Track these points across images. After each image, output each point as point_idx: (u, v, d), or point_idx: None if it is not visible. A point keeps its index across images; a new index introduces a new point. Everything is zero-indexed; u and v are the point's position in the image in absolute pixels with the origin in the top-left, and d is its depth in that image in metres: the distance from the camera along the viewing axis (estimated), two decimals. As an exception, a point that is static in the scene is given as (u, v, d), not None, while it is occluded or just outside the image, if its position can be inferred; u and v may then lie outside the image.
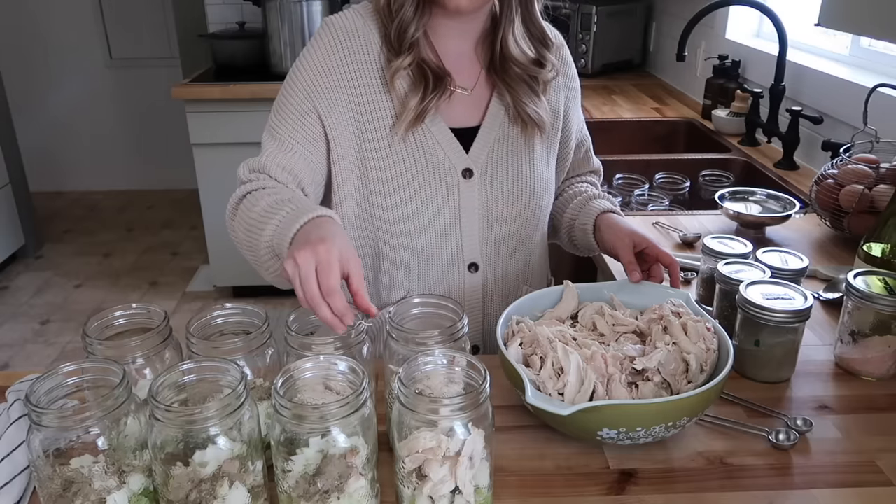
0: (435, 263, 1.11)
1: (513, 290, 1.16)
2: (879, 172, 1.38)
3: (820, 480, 0.81)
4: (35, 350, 2.89)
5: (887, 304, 0.94)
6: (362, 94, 1.05)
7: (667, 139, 2.46)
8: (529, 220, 1.14)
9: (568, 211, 1.22)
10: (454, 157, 1.07)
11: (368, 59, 1.05)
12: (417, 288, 1.12)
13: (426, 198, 1.07)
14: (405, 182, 1.06)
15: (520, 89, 1.08)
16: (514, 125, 1.10)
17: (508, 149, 1.10)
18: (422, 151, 1.06)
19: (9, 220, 3.47)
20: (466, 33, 1.09)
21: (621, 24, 3.07)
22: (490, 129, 1.09)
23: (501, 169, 1.09)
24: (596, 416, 0.77)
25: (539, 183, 1.13)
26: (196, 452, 0.66)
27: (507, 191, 1.10)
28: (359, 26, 1.06)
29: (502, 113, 1.10)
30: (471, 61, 1.10)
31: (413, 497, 0.70)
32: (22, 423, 0.81)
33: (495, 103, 1.10)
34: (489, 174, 1.09)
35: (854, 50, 1.99)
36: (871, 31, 1.26)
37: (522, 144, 1.11)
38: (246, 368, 0.76)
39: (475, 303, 1.13)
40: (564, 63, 1.18)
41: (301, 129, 1.05)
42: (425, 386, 0.72)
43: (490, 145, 1.09)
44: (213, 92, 2.79)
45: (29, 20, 4.15)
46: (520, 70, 1.08)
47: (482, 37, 1.10)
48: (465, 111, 1.09)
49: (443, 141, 1.06)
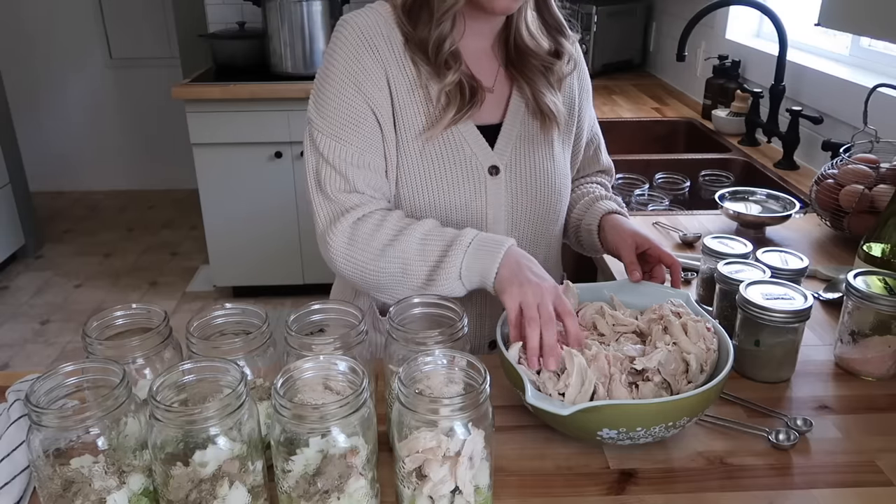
0: None
1: None
2: (879, 172, 1.38)
3: (820, 480, 0.81)
4: (35, 350, 2.89)
5: (887, 304, 0.94)
6: (395, 94, 1.04)
7: (667, 139, 2.46)
8: (550, 214, 1.15)
9: (575, 211, 1.22)
10: (481, 154, 1.07)
11: (396, 59, 1.03)
12: None
13: (455, 195, 1.07)
14: (434, 180, 1.06)
15: (538, 81, 1.09)
16: (534, 120, 1.10)
17: (530, 144, 1.11)
18: (450, 150, 1.06)
19: (9, 220, 3.47)
20: (487, 32, 1.09)
21: (621, 24, 3.07)
22: (512, 125, 1.10)
23: (525, 165, 1.10)
24: (596, 416, 0.77)
25: (559, 178, 1.14)
26: (196, 452, 0.66)
27: (530, 186, 1.11)
28: (381, 25, 1.04)
29: (522, 108, 1.10)
30: (489, 59, 1.10)
31: (413, 497, 0.70)
32: (22, 424, 0.81)
33: (515, 99, 1.10)
34: (513, 170, 1.09)
35: (854, 50, 1.99)
36: (871, 31, 1.26)
37: (542, 139, 1.11)
38: (246, 368, 0.76)
39: (495, 297, 1.13)
40: (578, 58, 1.18)
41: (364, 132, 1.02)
42: (425, 386, 0.72)
43: (513, 142, 1.09)
44: (213, 92, 2.79)
45: (29, 20, 4.15)
46: (536, 62, 1.08)
47: (498, 33, 1.10)
48: (488, 108, 1.09)
49: (470, 139, 1.07)
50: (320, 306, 0.83)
